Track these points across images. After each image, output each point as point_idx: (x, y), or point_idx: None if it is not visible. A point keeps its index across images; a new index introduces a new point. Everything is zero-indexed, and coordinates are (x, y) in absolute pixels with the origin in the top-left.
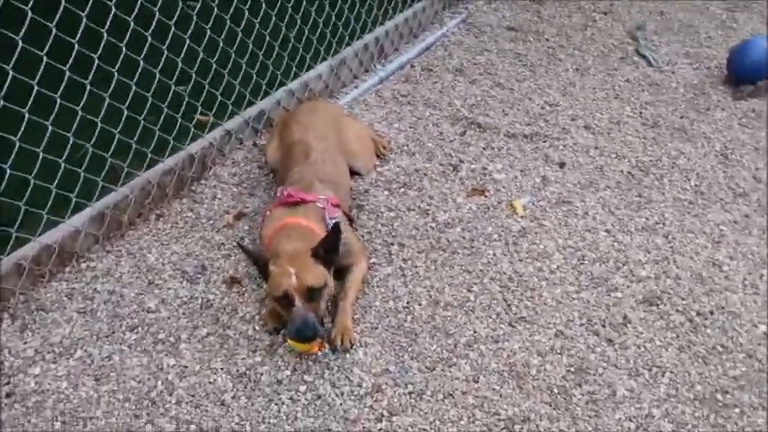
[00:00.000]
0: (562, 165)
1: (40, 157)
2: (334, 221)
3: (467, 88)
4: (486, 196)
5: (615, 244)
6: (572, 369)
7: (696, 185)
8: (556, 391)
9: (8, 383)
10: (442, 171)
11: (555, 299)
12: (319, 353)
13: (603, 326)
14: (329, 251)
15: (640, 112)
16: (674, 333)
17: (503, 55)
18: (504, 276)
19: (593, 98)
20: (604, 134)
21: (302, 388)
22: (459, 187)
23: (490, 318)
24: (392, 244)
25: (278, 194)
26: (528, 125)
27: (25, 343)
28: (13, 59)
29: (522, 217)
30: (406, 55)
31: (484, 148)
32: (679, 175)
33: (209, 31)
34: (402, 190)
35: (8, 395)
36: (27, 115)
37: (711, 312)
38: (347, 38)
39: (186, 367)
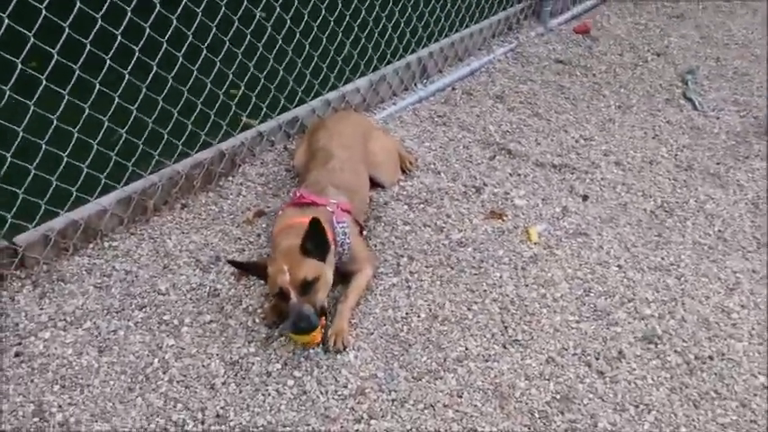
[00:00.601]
0: (585, 197)
1: (75, 137)
2: (342, 228)
3: (504, 115)
4: (503, 220)
5: (624, 280)
6: (557, 396)
7: (720, 231)
8: (537, 415)
9: (19, 344)
10: (464, 192)
11: (553, 326)
12: (312, 349)
13: (597, 358)
14: (317, 245)
15: (676, 154)
16: (668, 373)
17: (546, 86)
18: (507, 299)
19: (630, 136)
20: (634, 172)
21: (290, 382)
22: (478, 209)
23: (485, 337)
24: (402, 256)
25: (292, 195)
26: (558, 156)
27: (41, 309)
28: (57, 45)
29: (535, 243)
30: (448, 77)
31: (510, 174)
32: (704, 219)
33: (249, 35)
34: (421, 206)
35: (17, 354)
36: (67, 97)
37: (711, 357)
38: (389, 55)
39: (183, 349)
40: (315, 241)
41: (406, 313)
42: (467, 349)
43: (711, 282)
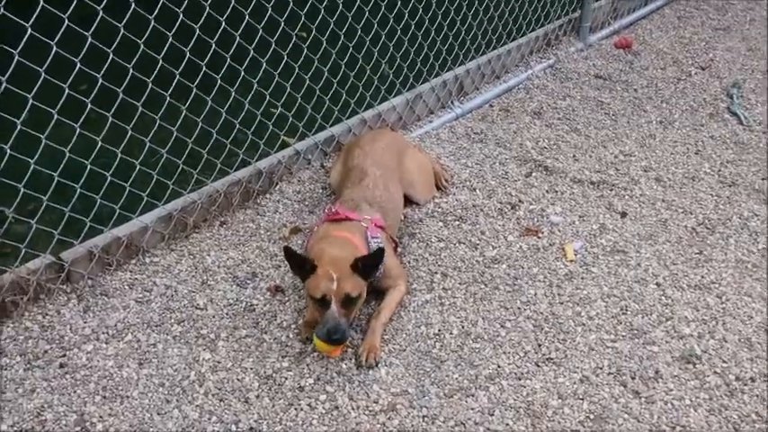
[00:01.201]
0: (624, 214)
1: (119, 157)
2: (377, 242)
3: (541, 131)
4: (538, 237)
5: (663, 298)
6: (591, 416)
7: (764, 249)
8: None
9: (64, 356)
10: (499, 209)
11: (588, 345)
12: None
13: (633, 377)
14: (368, 268)
15: (719, 170)
16: (707, 394)
17: (585, 102)
18: (541, 317)
19: (672, 152)
20: (675, 188)
21: (322, 397)
22: (513, 226)
23: (517, 355)
24: (436, 273)
25: (326, 211)
26: (597, 172)
27: (85, 322)
28: (103, 69)
29: (571, 261)
30: (485, 94)
31: (546, 191)
32: (748, 236)
33: (285, 57)
34: (456, 223)
35: (61, 366)
36: (111, 118)
37: (752, 379)
38: (425, 73)
39: (219, 363)
40: (369, 264)
41: (439, 330)
42: (499, 367)
43: (755, 301)
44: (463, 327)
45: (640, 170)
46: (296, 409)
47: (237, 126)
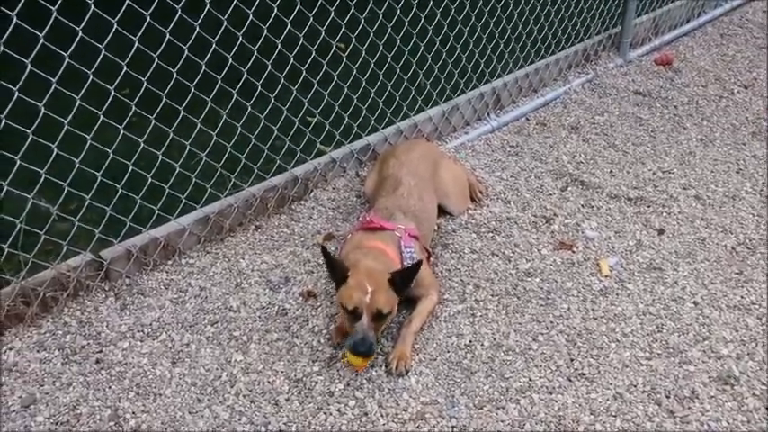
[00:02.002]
0: (661, 231)
1: (159, 159)
2: (410, 252)
3: (578, 146)
4: (573, 251)
5: (700, 317)
6: None
7: None
8: None
9: (100, 352)
10: (533, 222)
11: (622, 361)
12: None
13: (668, 396)
14: (404, 282)
15: (761, 190)
16: (744, 417)
17: (624, 118)
18: (574, 332)
19: (712, 170)
20: (715, 207)
21: (351, 403)
22: (547, 239)
23: (549, 369)
24: (468, 284)
25: (360, 219)
26: (634, 188)
27: (121, 320)
28: (148, 73)
29: (606, 276)
30: (522, 108)
31: (582, 206)
32: None
33: (325, 65)
34: (490, 235)
35: (97, 361)
36: (153, 121)
37: None
38: (462, 85)
39: (251, 365)
40: (405, 278)
41: (470, 341)
42: (530, 380)
43: None
44: (495, 339)
45: (679, 188)
46: (325, 413)
47: (275, 132)
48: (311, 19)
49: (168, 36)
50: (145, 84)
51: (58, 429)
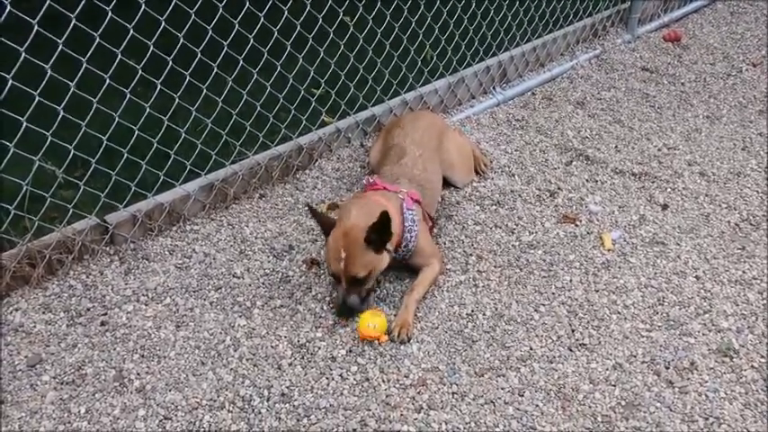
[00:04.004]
0: (665, 207)
1: (165, 125)
2: (411, 215)
3: (584, 121)
4: (576, 225)
5: (702, 291)
6: (622, 402)
7: None
8: (599, 419)
9: (105, 314)
10: (537, 195)
11: (622, 333)
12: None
13: (667, 367)
14: (381, 236)
15: (767, 167)
16: (742, 388)
17: (630, 94)
18: (575, 303)
19: (718, 147)
20: (720, 183)
21: (353, 368)
22: (551, 213)
23: (550, 339)
24: (471, 255)
25: (364, 182)
26: (639, 164)
27: (126, 284)
28: (155, 37)
29: (608, 250)
30: (528, 82)
31: (587, 180)
32: None
33: (332, 34)
34: (494, 207)
35: (102, 323)
36: (159, 87)
37: None
38: (469, 57)
39: (254, 330)
40: (379, 232)
41: (472, 311)
42: (531, 349)
43: None
44: (496, 309)
45: (684, 164)
46: (327, 378)
47: (281, 101)
48: None
49: (175, 1)
50: (151, 48)
51: (63, 389)
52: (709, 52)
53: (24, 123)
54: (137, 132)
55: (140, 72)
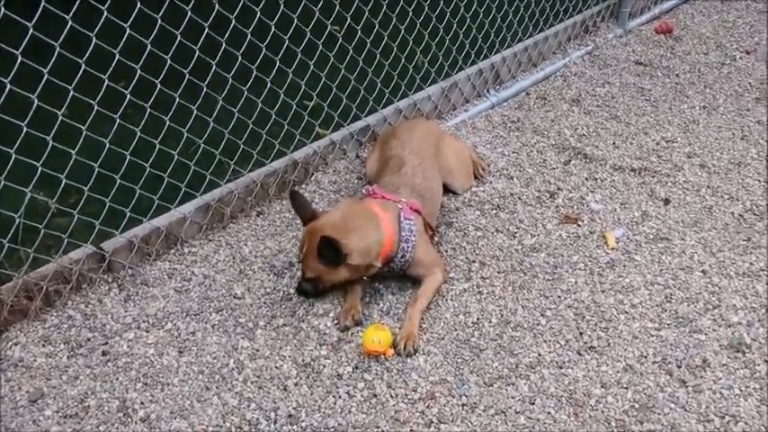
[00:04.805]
0: (667, 201)
1: (157, 147)
2: (408, 225)
3: (580, 119)
4: (578, 225)
5: (709, 286)
6: (636, 405)
7: None
8: (613, 424)
9: (106, 344)
10: (537, 197)
11: (631, 333)
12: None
13: (679, 366)
14: (326, 254)
15: (767, 156)
16: (757, 384)
17: (625, 88)
18: (582, 305)
19: (717, 137)
20: (721, 174)
21: (360, 385)
22: (552, 214)
23: (558, 343)
24: (473, 261)
25: (363, 191)
26: (638, 159)
27: (126, 311)
28: (140, 61)
29: (612, 249)
30: (522, 82)
31: (586, 179)
32: None
33: (321, 46)
34: (494, 212)
35: (104, 353)
36: (149, 110)
37: None
38: (461, 62)
39: (258, 351)
40: (326, 255)
41: (477, 318)
42: (540, 355)
43: None
44: (502, 315)
45: (684, 156)
46: (334, 396)
47: (273, 116)
48: None
49: (160, 22)
50: (138, 72)
51: (66, 423)
52: (702, 42)
53: (14, 155)
54: (129, 157)
55: (129, 96)
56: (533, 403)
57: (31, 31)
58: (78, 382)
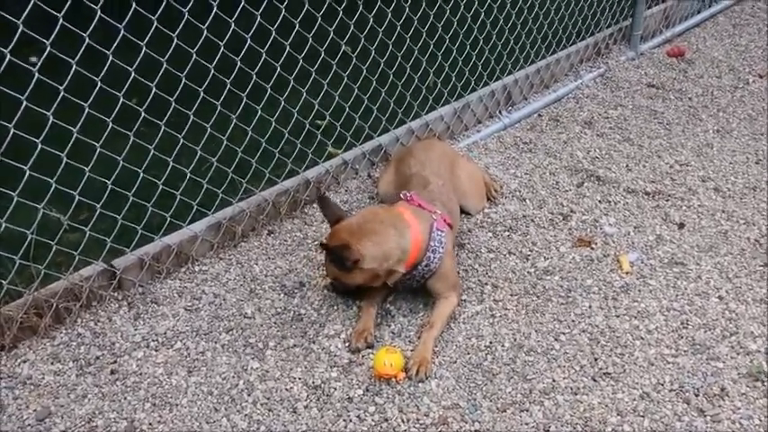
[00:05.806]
0: (681, 225)
1: (170, 165)
2: (440, 236)
3: (592, 141)
4: (592, 248)
5: (726, 312)
6: None
7: None
8: None
9: (115, 362)
10: (550, 219)
11: (647, 359)
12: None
13: (696, 394)
14: (334, 258)
15: None
16: None
17: (638, 111)
18: (596, 330)
19: (731, 161)
20: (736, 199)
21: (371, 408)
22: (565, 236)
23: (573, 369)
24: (486, 284)
25: (401, 196)
26: (652, 182)
27: (135, 329)
28: (155, 79)
29: (627, 273)
30: (534, 104)
31: (599, 201)
32: None
33: (334, 66)
34: (506, 234)
35: (112, 372)
36: (163, 127)
37: None
38: (473, 83)
39: (268, 372)
40: (337, 259)
41: (490, 342)
42: (554, 381)
43: None
44: (515, 339)
45: (698, 180)
46: (344, 420)
47: (286, 136)
48: (319, 20)
49: (176, 41)
50: (153, 89)
51: None
52: (715, 65)
53: (27, 171)
54: (141, 174)
55: (143, 114)
56: (548, 430)
57: (48, 48)
58: (86, 401)
